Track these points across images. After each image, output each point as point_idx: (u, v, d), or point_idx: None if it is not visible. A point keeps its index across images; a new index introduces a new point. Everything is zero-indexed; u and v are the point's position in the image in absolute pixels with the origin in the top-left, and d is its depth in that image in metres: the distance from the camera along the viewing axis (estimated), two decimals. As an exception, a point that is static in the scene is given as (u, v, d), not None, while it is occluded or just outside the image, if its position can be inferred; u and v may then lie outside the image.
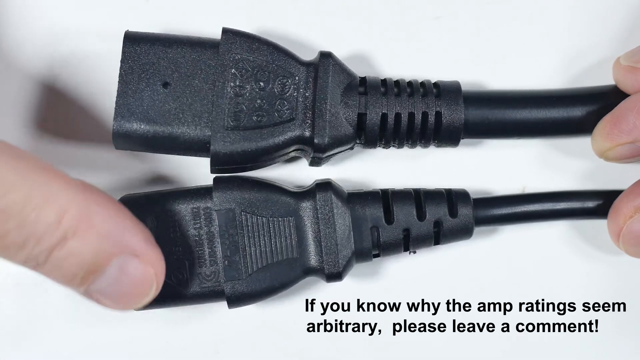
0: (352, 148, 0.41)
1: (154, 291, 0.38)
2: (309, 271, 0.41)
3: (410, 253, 0.42)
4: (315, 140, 0.40)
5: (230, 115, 0.39)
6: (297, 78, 0.40)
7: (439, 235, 0.42)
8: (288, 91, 0.40)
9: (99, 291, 0.36)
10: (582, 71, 0.44)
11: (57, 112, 0.42)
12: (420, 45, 0.44)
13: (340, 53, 0.42)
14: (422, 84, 0.42)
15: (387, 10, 0.44)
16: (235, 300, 0.40)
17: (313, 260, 0.41)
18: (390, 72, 0.43)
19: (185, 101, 0.39)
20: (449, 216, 0.41)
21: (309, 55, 0.41)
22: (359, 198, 0.41)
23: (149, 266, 0.37)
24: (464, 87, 0.42)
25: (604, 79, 0.43)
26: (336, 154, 0.41)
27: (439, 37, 0.44)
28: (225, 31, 0.40)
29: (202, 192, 0.40)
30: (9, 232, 0.34)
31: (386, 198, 0.42)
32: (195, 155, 0.40)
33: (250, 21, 0.43)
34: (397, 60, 0.44)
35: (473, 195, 0.42)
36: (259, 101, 0.40)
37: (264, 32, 0.43)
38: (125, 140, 0.39)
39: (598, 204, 0.43)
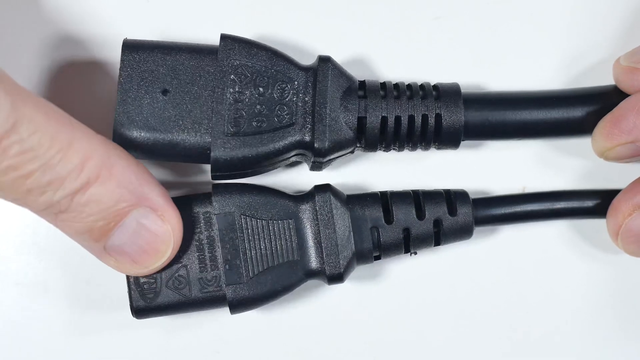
0: (352, 152, 0.41)
1: (171, 250, 0.38)
2: (310, 273, 0.41)
3: (411, 254, 0.42)
4: (316, 145, 0.40)
5: (230, 121, 0.39)
6: (296, 83, 0.40)
7: (439, 235, 0.42)
8: (287, 96, 0.40)
9: (117, 248, 0.37)
10: (582, 71, 0.44)
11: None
12: (420, 45, 0.44)
13: (340, 54, 0.43)
14: (422, 86, 0.42)
15: (387, 10, 0.44)
16: (237, 304, 0.40)
17: (314, 263, 0.41)
18: (390, 73, 0.44)
19: (185, 108, 0.39)
20: (448, 215, 0.42)
21: (308, 58, 0.41)
22: (358, 199, 0.41)
23: (166, 222, 0.38)
24: (463, 88, 0.42)
25: (604, 79, 0.43)
26: (337, 158, 0.41)
27: (439, 37, 0.44)
28: (224, 37, 0.40)
29: (201, 198, 0.41)
30: (34, 173, 0.35)
31: (385, 199, 0.42)
32: (196, 162, 0.40)
33: (249, 25, 0.43)
34: (397, 61, 0.44)
35: (473, 196, 0.42)
36: (258, 107, 0.39)
37: (263, 35, 0.43)
38: (126, 148, 0.39)
39: (597, 203, 0.43)
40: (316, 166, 0.41)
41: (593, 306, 0.44)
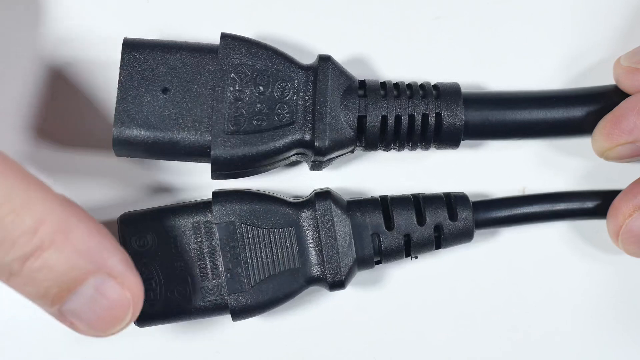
0: (352, 151, 0.41)
1: (129, 317, 0.36)
2: (311, 281, 0.41)
3: (412, 258, 0.42)
4: (316, 144, 0.40)
5: (230, 119, 0.39)
6: (296, 82, 0.40)
7: (439, 240, 0.42)
8: (288, 95, 0.40)
9: (73, 312, 0.35)
10: (583, 71, 0.44)
11: (56, 118, 0.42)
12: (420, 45, 0.44)
13: (340, 54, 0.42)
14: (422, 86, 0.42)
15: (387, 10, 0.44)
16: (239, 312, 0.40)
17: (315, 270, 0.41)
18: (390, 73, 0.43)
19: (185, 106, 0.39)
20: (449, 220, 0.41)
21: (308, 58, 0.41)
22: (358, 205, 0.41)
23: (126, 289, 0.36)
24: (463, 88, 0.42)
25: (604, 79, 0.43)
26: (337, 157, 0.41)
27: (439, 37, 0.44)
28: (224, 36, 0.40)
29: (201, 206, 0.41)
30: None
31: (385, 204, 0.42)
32: (196, 161, 0.40)
33: (249, 25, 0.43)
34: (397, 61, 0.44)
35: (473, 197, 0.42)
36: (258, 105, 0.39)
37: (263, 35, 0.43)
38: (126, 147, 0.39)
39: (597, 204, 0.43)
40: (316, 165, 0.41)
41: (594, 307, 0.44)
